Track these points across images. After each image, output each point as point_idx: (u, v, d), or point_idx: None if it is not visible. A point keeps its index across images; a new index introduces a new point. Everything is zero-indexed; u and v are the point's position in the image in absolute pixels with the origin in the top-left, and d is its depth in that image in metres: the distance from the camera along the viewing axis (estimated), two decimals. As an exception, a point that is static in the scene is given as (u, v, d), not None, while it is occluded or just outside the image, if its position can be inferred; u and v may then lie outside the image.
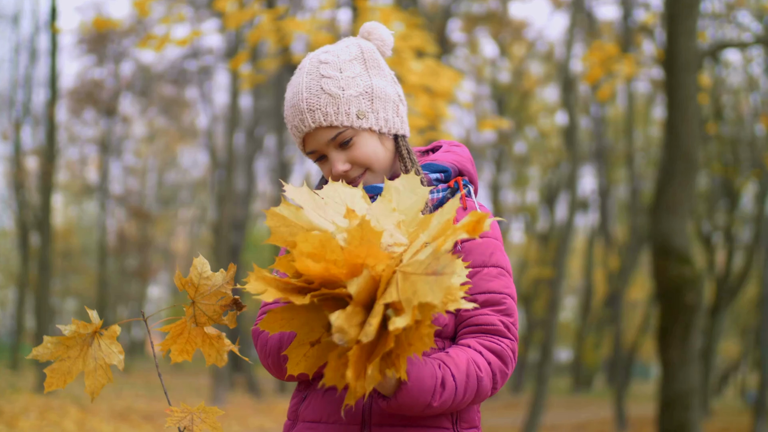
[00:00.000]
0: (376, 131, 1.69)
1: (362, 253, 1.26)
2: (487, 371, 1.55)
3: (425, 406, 1.47)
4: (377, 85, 1.70)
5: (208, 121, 23.65)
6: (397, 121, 1.73)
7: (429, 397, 1.47)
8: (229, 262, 1.82)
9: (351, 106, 1.66)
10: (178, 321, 1.62)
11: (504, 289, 1.64)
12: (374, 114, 1.69)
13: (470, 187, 1.74)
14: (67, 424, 9.03)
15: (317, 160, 1.72)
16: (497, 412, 17.17)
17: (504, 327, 1.61)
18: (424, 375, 1.46)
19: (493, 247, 1.67)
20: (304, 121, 1.66)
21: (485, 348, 1.58)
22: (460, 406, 1.54)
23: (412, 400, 1.46)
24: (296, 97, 1.68)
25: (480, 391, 1.54)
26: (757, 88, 13.95)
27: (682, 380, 6.42)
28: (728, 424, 14.69)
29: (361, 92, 1.68)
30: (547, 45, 20.68)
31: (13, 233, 23.08)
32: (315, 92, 1.66)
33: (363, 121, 1.67)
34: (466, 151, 1.79)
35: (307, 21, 7.40)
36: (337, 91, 1.66)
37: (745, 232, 18.70)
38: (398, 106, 1.74)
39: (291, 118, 1.70)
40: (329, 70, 1.68)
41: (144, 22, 17.23)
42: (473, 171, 1.78)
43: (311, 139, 1.69)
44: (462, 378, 1.51)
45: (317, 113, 1.65)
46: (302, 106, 1.66)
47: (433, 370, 1.48)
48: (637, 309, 26.83)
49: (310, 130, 1.67)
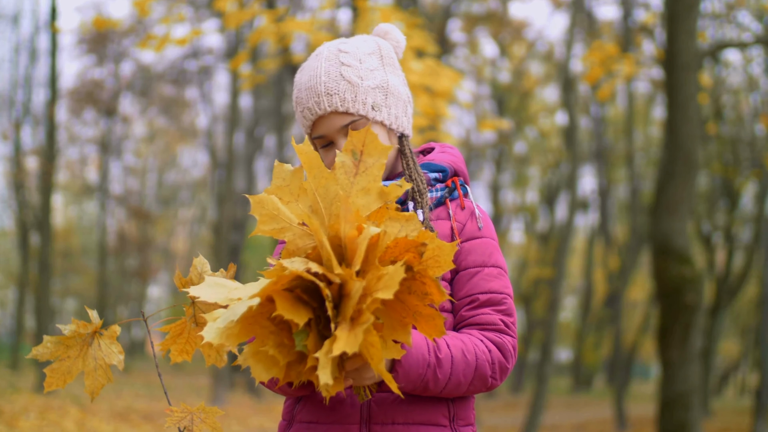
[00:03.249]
0: (386, 126, 1.71)
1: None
2: (486, 355, 1.58)
3: (422, 377, 1.50)
4: (392, 82, 1.72)
5: (208, 121, 23.66)
6: (405, 120, 1.75)
7: (424, 369, 1.49)
8: (229, 262, 1.82)
9: (368, 97, 1.68)
10: (178, 321, 1.62)
11: (504, 289, 1.66)
12: (387, 109, 1.71)
13: (468, 187, 1.77)
14: (67, 424, 9.03)
15: (323, 146, 1.72)
16: (497, 412, 17.17)
17: (505, 326, 1.63)
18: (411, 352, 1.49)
19: (491, 248, 1.69)
20: (320, 104, 1.67)
21: (486, 338, 1.60)
22: (461, 384, 1.56)
23: (404, 371, 1.48)
24: (314, 80, 1.68)
25: (479, 373, 1.56)
26: (757, 88, 13.93)
27: (682, 380, 6.42)
28: (728, 424, 14.68)
29: (377, 85, 1.69)
30: (547, 45, 20.68)
31: (13, 233, 23.07)
32: (334, 78, 1.67)
33: (377, 114, 1.69)
34: (459, 153, 1.83)
35: (307, 21, 7.39)
36: (356, 80, 1.67)
37: (745, 232, 18.69)
38: (407, 106, 1.77)
39: (305, 100, 1.69)
40: (349, 59, 1.69)
41: (144, 22, 17.22)
42: (466, 172, 1.81)
43: (323, 123, 1.69)
44: (458, 352, 1.54)
45: (335, 98, 1.66)
46: (320, 89, 1.67)
47: (422, 343, 1.51)
48: (637, 309, 26.81)
49: (324, 113, 1.67)
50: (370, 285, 1.23)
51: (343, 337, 1.21)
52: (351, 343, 1.19)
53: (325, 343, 1.22)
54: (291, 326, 1.28)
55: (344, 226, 1.28)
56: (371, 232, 1.26)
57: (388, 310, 1.29)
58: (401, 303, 1.29)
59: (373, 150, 1.36)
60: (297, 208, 1.35)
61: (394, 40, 1.80)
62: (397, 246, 1.29)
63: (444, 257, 1.28)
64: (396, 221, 1.31)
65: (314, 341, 1.26)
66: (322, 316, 1.28)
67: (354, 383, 1.45)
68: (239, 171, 19.93)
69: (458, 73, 7.02)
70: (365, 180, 1.36)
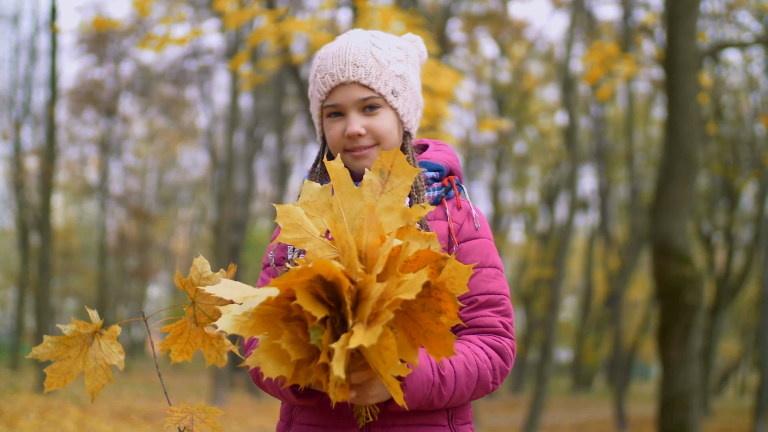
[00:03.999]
0: (399, 116, 1.73)
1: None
2: (487, 363, 1.59)
3: (427, 397, 1.51)
4: (412, 79, 1.76)
5: (208, 121, 23.64)
6: (413, 119, 1.78)
7: (429, 388, 1.50)
8: (229, 262, 1.82)
9: (390, 81, 1.70)
10: (178, 321, 1.62)
11: (502, 289, 1.68)
12: (404, 101, 1.73)
13: (463, 186, 1.78)
14: (67, 424, 9.03)
15: (332, 116, 1.73)
16: (497, 412, 17.16)
17: (504, 328, 1.65)
18: (415, 374, 1.49)
19: (488, 248, 1.71)
20: (344, 71, 1.68)
21: (486, 344, 1.61)
22: (464, 396, 1.57)
23: (410, 394, 1.49)
24: (343, 50, 1.70)
25: (481, 383, 1.58)
26: (757, 88, 13.92)
27: (682, 380, 6.42)
28: (728, 424, 14.69)
29: (400, 75, 1.73)
30: (547, 45, 20.65)
31: (13, 233, 23.06)
32: (364, 52, 1.70)
33: (394, 100, 1.71)
34: (453, 150, 1.85)
35: (307, 21, 7.40)
36: (384, 61, 1.70)
37: (745, 232, 18.69)
38: (418, 108, 1.80)
39: (329, 67, 1.70)
40: (380, 43, 1.73)
41: (144, 22, 17.21)
42: (461, 170, 1.83)
43: (341, 92, 1.69)
44: (461, 366, 1.55)
45: (361, 69, 1.68)
46: (348, 58, 1.69)
47: (426, 364, 1.51)
48: (637, 309, 26.82)
49: (347, 81, 1.68)
50: (389, 291, 1.25)
51: (359, 332, 1.23)
52: (368, 337, 1.21)
53: (342, 336, 1.24)
54: (306, 323, 1.29)
55: (367, 235, 1.31)
56: (393, 243, 1.29)
57: (399, 328, 1.30)
58: (413, 321, 1.30)
59: (401, 171, 1.40)
60: (321, 222, 1.40)
61: (419, 50, 1.85)
62: (418, 260, 1.31)
63: (460, 279, 1.30)
64: (418, 239, 1.35)
65: (329, 338, 1.28)
66: (337, 317, 1.30)
67: (358, 401, 1.45)
68: (239, 171, 19.91)
69: (458, 73, 7.01)
70: (390, 199, 1.39)
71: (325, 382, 1.30)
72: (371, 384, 1.43)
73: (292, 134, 23.34)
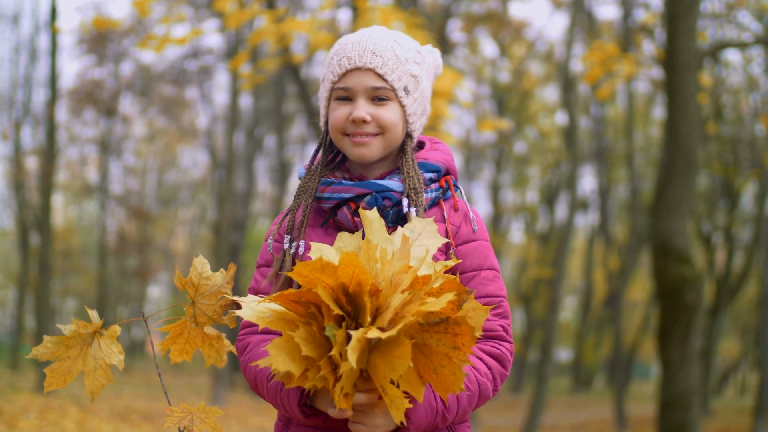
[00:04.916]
0: (406, 114, 1.74)
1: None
2: (488, 375, 1.59)
3: (432, 424, 1.52)
4: (424, 83, 1.77)
5: (208, 121, 23.63)
6: (418, 123, 1.78)
7: (433, 416, 1.51)
8: (229, 262, 1.82)
9: (404, 77, 1.72)
10: (178, 321, 1.62)
11: (500, 291, 1.69)
12: (413, 100, 1.74)
13: (461, 188, 1.79)
14: (67, 424, 9.02)
15: (340, 99, 1.73)
16: (497, 412, 17.16)
17: (503, 331, 1.65)
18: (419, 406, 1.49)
19: (486, 250, 1.71)
20: (362, 57, 1.69)
21: (485, 353, 1.61)
22: (467, 413, 1.59)
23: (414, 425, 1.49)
24: (364, 38, 1.72)
25: (482, 395, 1.59)
26: (757, 88, 13.92)
27: (682, 380, 6.42)
28: (728, 424, 14.69)
29: (415, 75, 1.74)
30: (547, 45, 20.64)
31: (13, 233, 23.06)
32: (385, 45, 1.71)
33: (405, 97, 1.72)
34: (449, 149, 1.85)
35: (307, 21, 7.39)
36: (402, 58, 1.72)
37: (745, 232, 18.69)
38: (424, 114, 1.81)
39: (347, 51, 1.71)
40: (401, 40, 1.75)
41: (144, 22, 17.20)
42: (456, 169, 1.84)
43: (354, 76, 1.70)
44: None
45: (379, 59, 1.69)
46: (368, 45, 1.70)
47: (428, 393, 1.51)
48: (637, 309, 26.81)
49: (362, 67, 1.69)
50: (412, 307, 1.28)
51: (377, 329, 1.25)
52: (387, 332, 1.22)
53: (361, 329, 1.25)
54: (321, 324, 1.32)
55: (396, 263, 1.35)
56: (421, 270, 1.34)
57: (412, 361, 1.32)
58: (425, 357, 1.31)
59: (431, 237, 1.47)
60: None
61: (436, 62, 1.86)
62: (442, 290, 1.33)
63: (477, 318, 1.31)
64: (443, 277, 1.36)
65: (343, 337, 1.29)
66: (353, 324, 1.32)
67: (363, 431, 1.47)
68: (239, 171, 19.92)
69: (458, 73, 7.02)
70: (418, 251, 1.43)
71: (332, 381, 1.30)
72: (375, 413, 1.44)
73: (292, 134, 23.33)
